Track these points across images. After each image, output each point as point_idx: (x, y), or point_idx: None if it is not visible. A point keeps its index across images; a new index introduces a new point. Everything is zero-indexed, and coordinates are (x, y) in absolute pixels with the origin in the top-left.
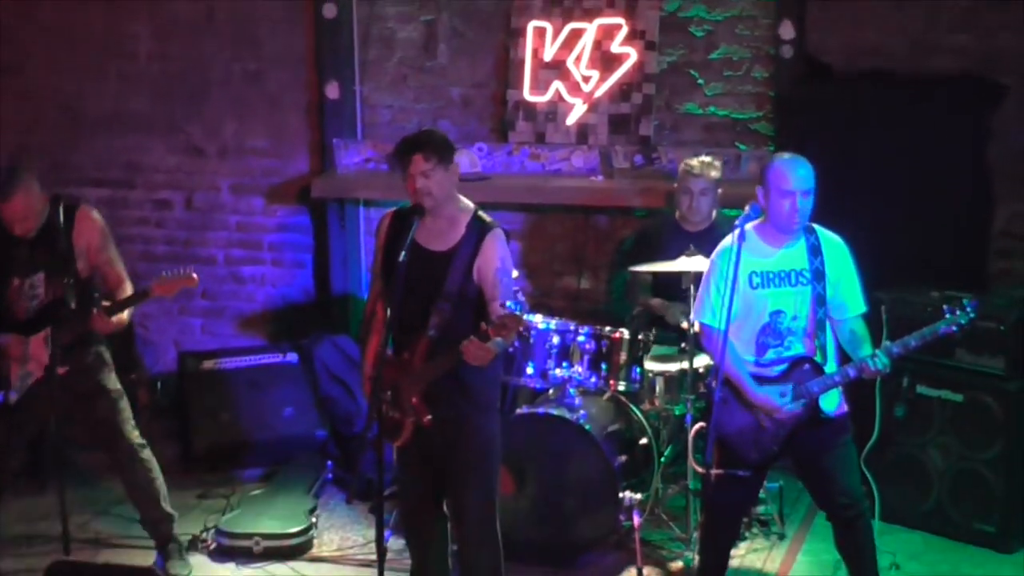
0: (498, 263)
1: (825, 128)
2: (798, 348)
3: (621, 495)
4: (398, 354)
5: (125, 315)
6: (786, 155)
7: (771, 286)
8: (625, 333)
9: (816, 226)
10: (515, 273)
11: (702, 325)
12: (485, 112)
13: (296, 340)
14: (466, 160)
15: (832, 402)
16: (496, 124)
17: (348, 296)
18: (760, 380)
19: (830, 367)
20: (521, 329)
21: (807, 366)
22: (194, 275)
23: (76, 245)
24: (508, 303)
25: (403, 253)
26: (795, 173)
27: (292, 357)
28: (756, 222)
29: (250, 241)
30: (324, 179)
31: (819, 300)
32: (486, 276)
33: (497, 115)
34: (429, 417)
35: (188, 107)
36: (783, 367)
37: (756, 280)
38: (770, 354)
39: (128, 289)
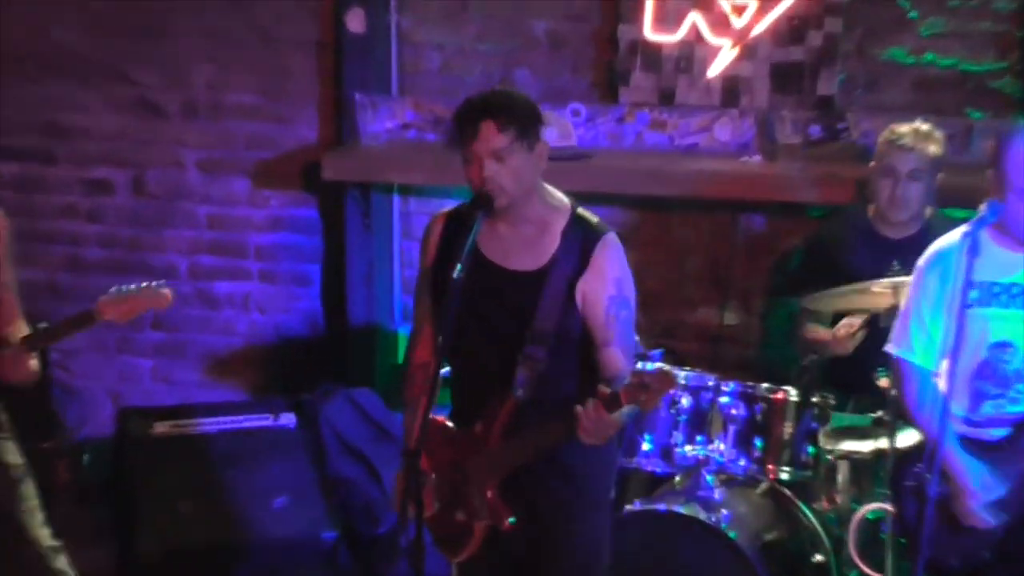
0: (612, 289)
1: None
2: None
3: None
4: (465, 424)
5: (34, 360)
6: None
7: (995, 304)
8: (792, 393)
9: None
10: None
11: (897, 360)
12: (584, 57)
13: (295, 394)
14: (555, 130)
15: None
16: (601, 76)
17: (374, 329)
18: (969, 445)
19: None
20: (673, 392)
21: None
22: (166, 291)
23: None
24: (648, 352)
25: (457, 269)
26: None
27: (288, 419)
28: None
29: (228, 244)
30: (341, 154)
31: None
32: (595, 308)
33: (602, 62)
34: (512, 520)
35: (138, 43)
36: (1006, 431)
37: (973, 294)
38: (987, 407)
39: (21, 328)
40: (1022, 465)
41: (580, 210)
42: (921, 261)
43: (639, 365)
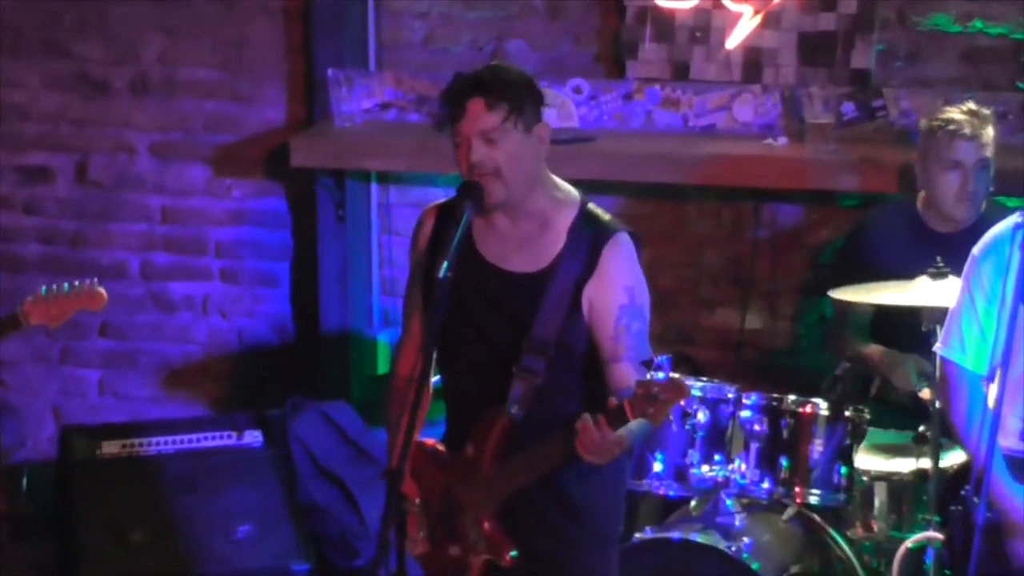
0: (623, 296)
1: None
2: None
3: None
4: (454, 445)
5: None
6: None
7: None
8: (823, 406)
9: None
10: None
11: (943, 361)
12: (586, 27)
13: (260, 409)
14: (553, 109)
15: None
16: (605, 48)
17: (349, 335)
18: (1022, 467)
19: None
20: (683, 404)
21: None
22: (100, 290)
23: None
24: (655, 359)
25: (444, 267)
26: None
27: (253, 438)
28: None
29: (185, 240)
30: (311, 137)
31: None
32: (603, 317)
33: (607, 32)
34: (513, 554)
35: (81, 11)
36: None
37: None
38: None
39: None
40: None
41: (591, 205)
42: (976, 249)
43: (647, 375)
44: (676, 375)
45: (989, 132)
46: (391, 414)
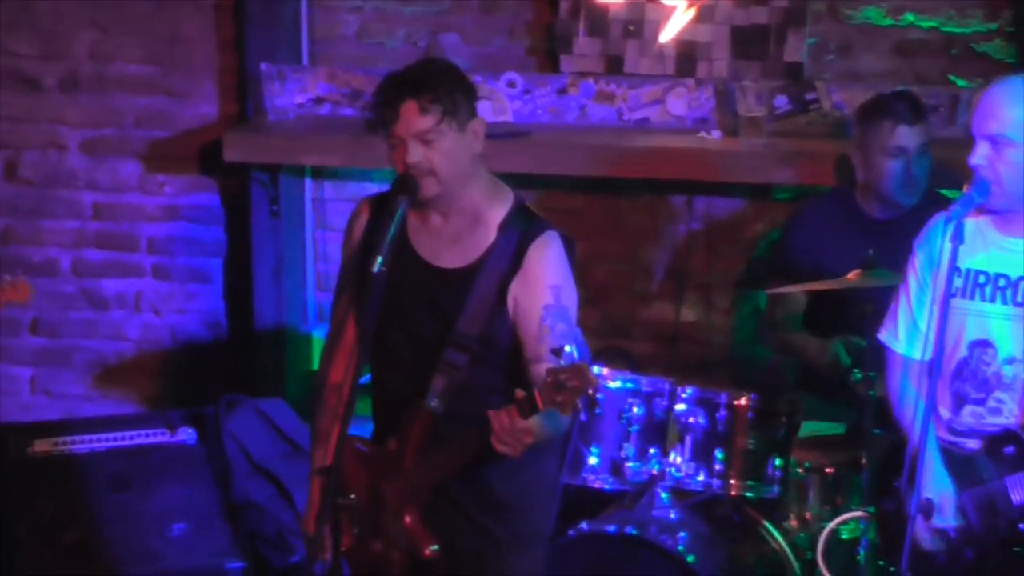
0: (548, 296)
1: None
2: (1011, 413)
3: None
4: (379, 440)
5: None
6: (1007, 78)
7: (977, 296)
8: (757, 399)
9: None
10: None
11: (882, 347)
12: (520, 20)
13: (194, 406)
14: (487, 103)
15: None
16: (539, 41)
17: (284, 331)
18: (945, 455)
19: None
20: (591, 392)
21: (1009, 448)
22: (22, 281)
23: None
24: (567, 347)
25: (378, 261)
26: (988, 104)
27: (187, 435)
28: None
29: (117, 236)
30: (245, 132)
31: None
32: (527, 317)
33: (540, 26)
34: (434, 548)
35: (11, 7)
36: (977, 444)
37: (958, 282)
38: (967, 415)
39: None
40: (986, 487)
41: (524, 203)
42: (916, 239)
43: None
44: (582, 361)
45: (926, 118)
46: (319, 422)
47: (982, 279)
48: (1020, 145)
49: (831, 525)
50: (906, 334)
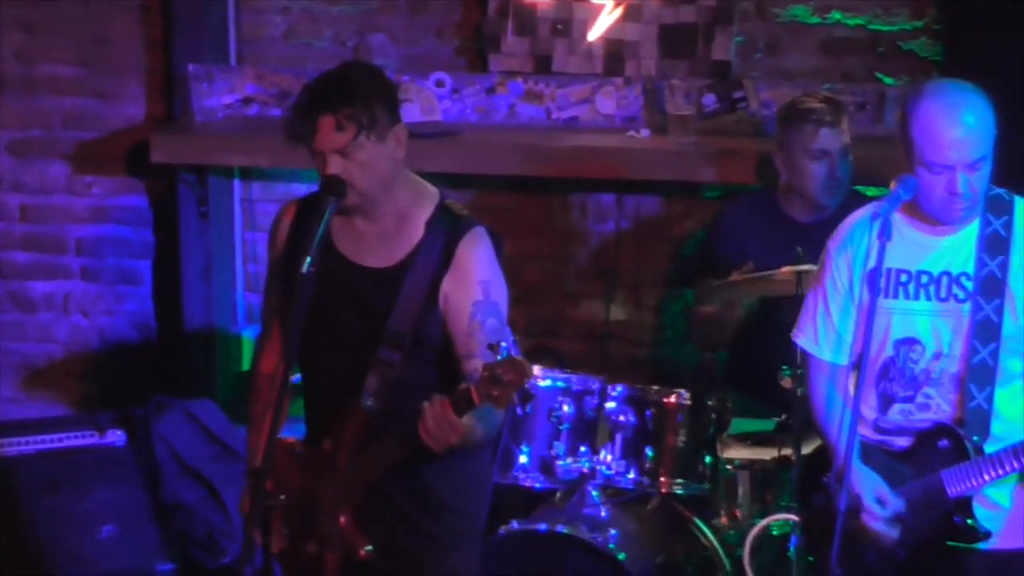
0: (478, 292)
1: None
2: (941, 408)
3: None
4: (313, 441)
5: None
6: (945, 89)
7: (900, 295)
8: (686, 396)
9: (1018, 199)
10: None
11: (803, 352)
12: (448, 20)
13: (123, 408)
14: (416, 103)
15: (1001, 520)
16: (468, 41)
17: (213, 332)
18: (875, 454)
19: (989, 449)
20: (526, 385)
21: (943, 442)
22: None
23: None
24: (502, 343)
25: (307, 262)
26: (953, 131)
27: (116, 437)
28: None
29: (45, 238)
30: (172, 133)
31: (985, 329)
32: (458, 313)
33: (469, 25)
34: (368, 548)
35: None
36: (908, 441)
37: (880, 282)
38: (895, 413)
39: None
40: (921, 482)
41: (448, 201)
42: (830, 242)
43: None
44: (517, 356)
45: (846, 119)
46: (253, 411)
47: (904, 277)
48: (990, 156)
49: (759, 525)
50: (826, 339)
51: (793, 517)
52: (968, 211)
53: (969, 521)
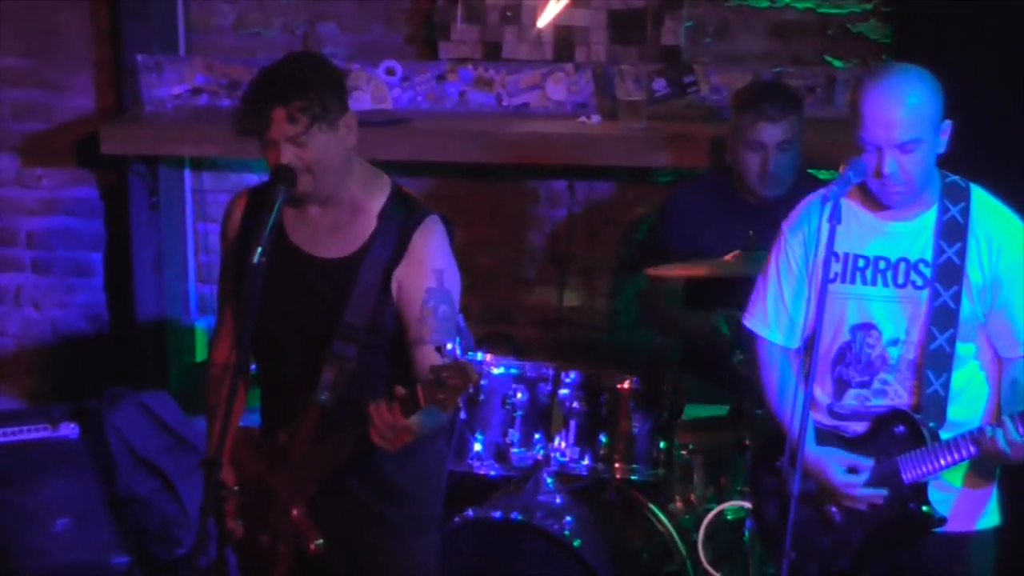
0: (431, 280)
1: (976, 34)
2: (897, 394)
3: None
4: (269, 432)
5: None
6: (890, 72)
7: (858, 280)
8: (640, 382)
9: (973, 187)
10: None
11: (754, 336)
12: (398, 8)
13: (77, 401)
14: (366, 92)
15: (952, 502)
16: (418, 29)
17: (166, 323)
18: (830, 439)
19: (944, 435)
20: (471, 389)
21: (899, 428)
22: None
23: None
24: (448, 345)
25: (258, 252)
26: (885, 112)
27: (70, 430)
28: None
29: None
30: (122, 124)
31: (942, 316)
32: (411, 300)
33: (419, 13)
34: (319, 542)
35: None
36: (864, 426)
37: (836, 267)
38: (850, 398)
39: None
40: (877, 468)
41: (402, 189)
42: (785, 224)
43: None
44: (465, 360)
45: (794, 114)
46: (210, 401)
47: (861, 263)
48: (927, 141)
49: (714, 511)
50: (778, 322)
51: (747, 504)
52: (904, 195)
53: (924, 508)
